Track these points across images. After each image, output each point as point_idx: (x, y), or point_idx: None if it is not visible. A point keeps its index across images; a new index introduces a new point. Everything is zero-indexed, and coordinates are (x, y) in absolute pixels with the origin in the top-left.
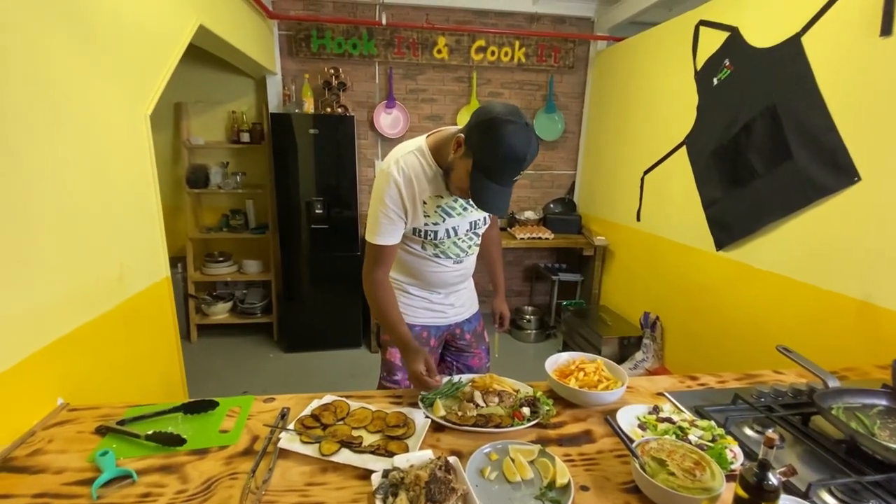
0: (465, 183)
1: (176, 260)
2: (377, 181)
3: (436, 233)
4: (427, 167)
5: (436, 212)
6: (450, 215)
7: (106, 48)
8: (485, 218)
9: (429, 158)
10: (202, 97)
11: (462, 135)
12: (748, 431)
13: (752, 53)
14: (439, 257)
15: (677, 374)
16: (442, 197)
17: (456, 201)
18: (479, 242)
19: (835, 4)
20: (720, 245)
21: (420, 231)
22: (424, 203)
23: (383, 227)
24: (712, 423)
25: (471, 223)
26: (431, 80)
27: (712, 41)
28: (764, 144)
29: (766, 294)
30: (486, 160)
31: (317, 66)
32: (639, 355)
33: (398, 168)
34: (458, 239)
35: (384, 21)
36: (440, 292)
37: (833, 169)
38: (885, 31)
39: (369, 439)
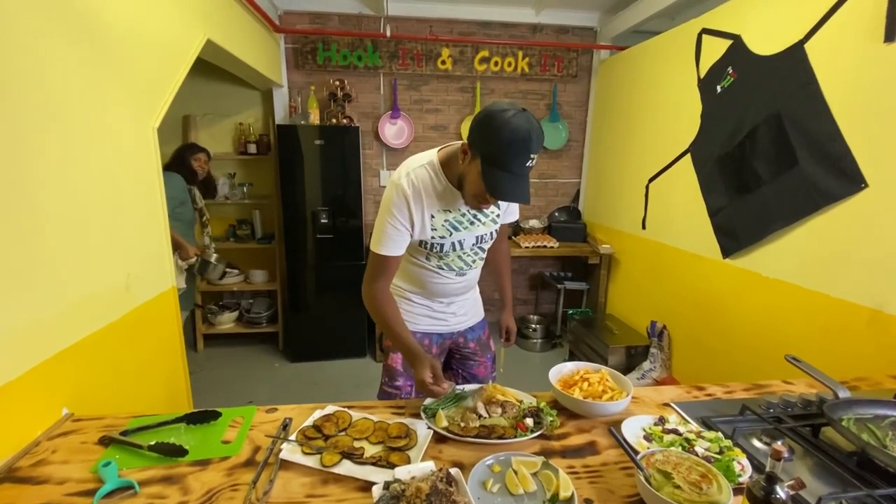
0: (479, 187)
1: None
2: (387, 192)
3: (441, 245)
4: (437, 181)
5: (443, 226)
6: (457, 229)
7: (114, 63)
8: (491, 233)
9: (439, 173)
10: (210, 109)
11: (466, 142)
12: (756, 443)
13: (756, 61)
14: (443, 269)
15: (684, 385)
16: (450, 211)
17: (464, 216)
18: (483, 257)
19: (837, 11)
20: (727, 253)
21: (426, 244)
22: (432, 217)
23: (389, 238)
24: (719, 434)
25: (477, 237)
26: (436, 91)
27: (715, 49)
28: (769, 151)
29: (774, 302)
30: (493, 152)
31: (322, 78)
32: (646, 365)
33: (408, 181)
34: (464, 252)
35: (389, 33)
36: (442, 301)
37: (839, 175)
38: (889, 37)
39: (371, 450)
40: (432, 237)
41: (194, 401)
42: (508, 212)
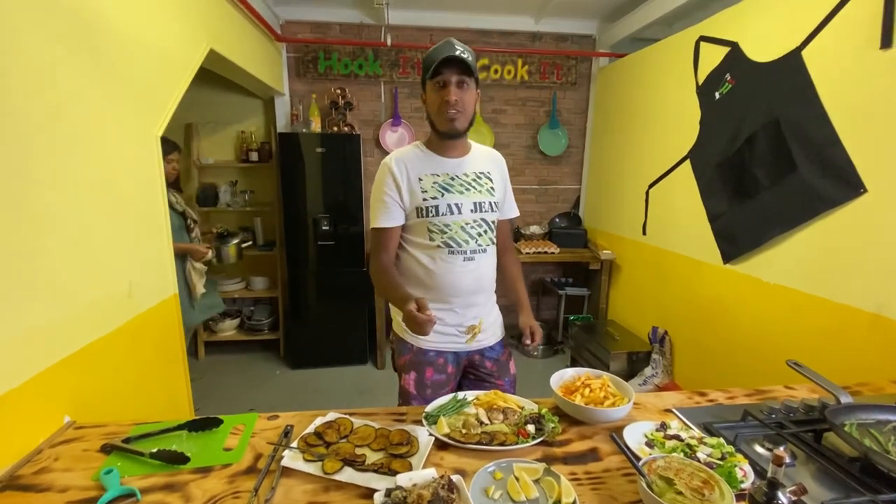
0: (436, 98)
1: None
2: (376, 175)
3: (437, 208)
4: (421, 152)
5: (433, 186)
6: (448, 191)
7: (118, 72)
8: (490, 203)
9: (422, 146)
10: (212, 118)
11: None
12: (759, 449)
13: (753, 68)
14: (450, 247)
15: (686, 390)
16: (438, 175)
17: (454, 179)
18: (493, 238)
19: (834, 18)
20: (727, 258)
21: (422, 210)
22: (420, 180)
23: (380, 211)
24: (721, 440)
25: (475, 204)
26: None
27: (713, 56)
28: (768, 157)
29: (775, 307)
30: (428, 64)
31: (324, 86)
32: (648, 371)
33: (390, 157)
34: (466, 224)
35: (389, 42)
36: (453, 304)
37: (838, 181)
38: (885, 43)
39: (372, 457)
40: (424, 199)
41: (195, 408)
42: (507, 206)
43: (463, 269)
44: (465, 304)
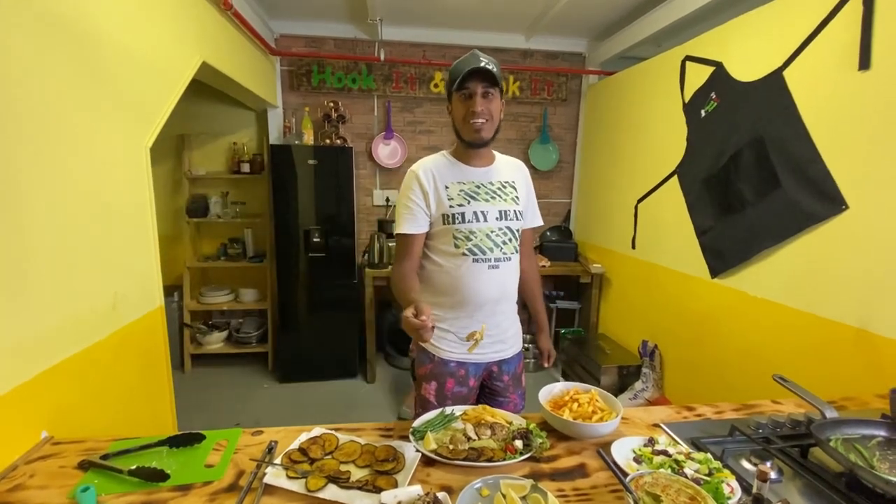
0: (461, 107)
1: (172, 289)
2: (403, 182)
3: (463, 214)
4: (447, 160)
5: (459, 194)
6: (474, 198)
7: (109, 83)
8: (515, 212)
9: (448, 155)
10: (204, 129)
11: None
12: (746, 464)
13: (737, 87)
14: (475, 255)
15: (674, 405)
16: (464, 183)
17: (479, 188)
18: (517, 247)
19: (814, 40)
20: (715, 273)
21: (448, 216)
22: (447, 187)
23: (404, 217)
24: (709, 455)
25: (500, 212)
26: (428, 113)
27: (699, 75)
28: (753, 174)
29: (762, 322)
30: (453, 76)
31: (317, 99)
32: (638, 385)
33: (418, 164)
34: (491, 231)
35: (383, 57)
36: (475, 313)
37: (821, 197)
38: (863, 65)
39: (357, 474)
40: (450, 206)
41: (180, 423)
42: (530, 215)
43: (486, 275)
44: (489, 312)
